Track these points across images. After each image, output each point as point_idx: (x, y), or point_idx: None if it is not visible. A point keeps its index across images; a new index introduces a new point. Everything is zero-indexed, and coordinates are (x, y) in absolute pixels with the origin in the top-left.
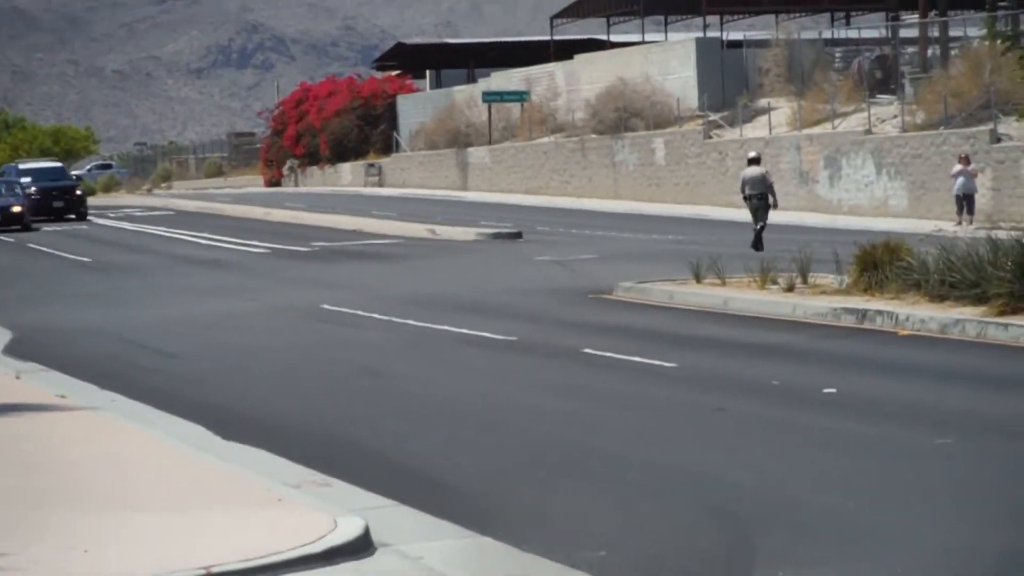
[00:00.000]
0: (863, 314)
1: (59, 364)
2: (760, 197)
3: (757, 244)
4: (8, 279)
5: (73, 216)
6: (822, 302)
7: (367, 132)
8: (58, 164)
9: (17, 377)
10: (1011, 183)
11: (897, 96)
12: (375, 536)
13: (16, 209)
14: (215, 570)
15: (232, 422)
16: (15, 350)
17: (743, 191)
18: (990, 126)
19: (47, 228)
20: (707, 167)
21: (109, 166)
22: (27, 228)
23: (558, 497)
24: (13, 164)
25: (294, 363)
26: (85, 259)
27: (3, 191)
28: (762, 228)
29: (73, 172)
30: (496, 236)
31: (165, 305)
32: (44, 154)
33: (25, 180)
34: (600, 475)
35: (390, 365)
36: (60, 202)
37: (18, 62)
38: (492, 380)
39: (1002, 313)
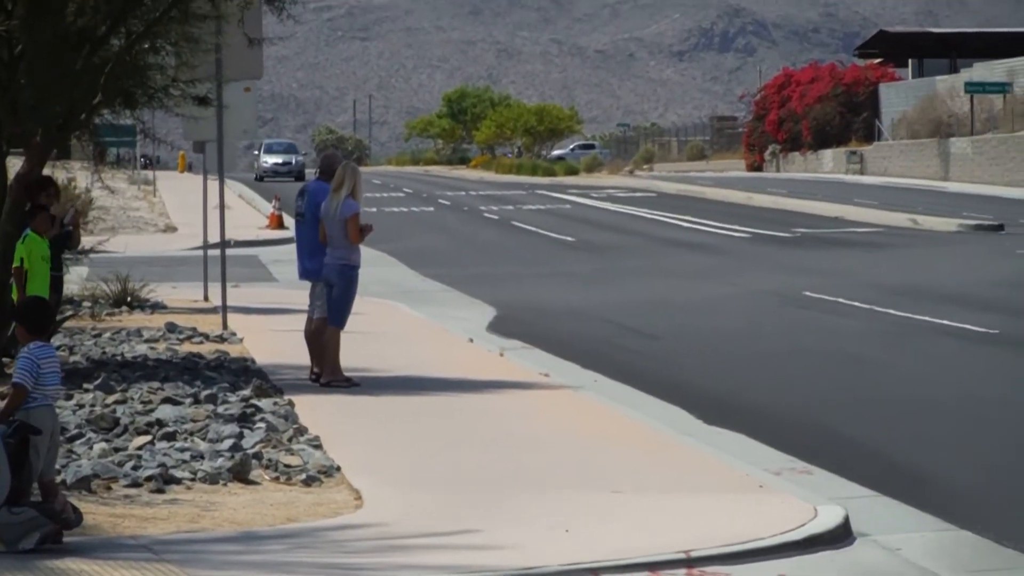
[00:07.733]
0: None
1: (541, 342)
2: None
3: None
4: (493, 257)
5: None
6: None
7: (848, 119)
8: None
9: (501, 354)
10: None
11: None
12: (854, 526)
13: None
14: (695, 554)
15: (712, 406)
16: (499, 327)
17: None
18: None
19: (528, 207)
20: None
21: (592, 146)
22: None
23: None
24: None
25: (774, 348)
26: (568, 239)
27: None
28: None
29: (555, 152)
30: (978, 228)
31: (646, 286)
32: (527, 133)
33: None
34: None
35: (869, 354)
36: None
37: (502, 40)
38: (973, 374)
39: None
